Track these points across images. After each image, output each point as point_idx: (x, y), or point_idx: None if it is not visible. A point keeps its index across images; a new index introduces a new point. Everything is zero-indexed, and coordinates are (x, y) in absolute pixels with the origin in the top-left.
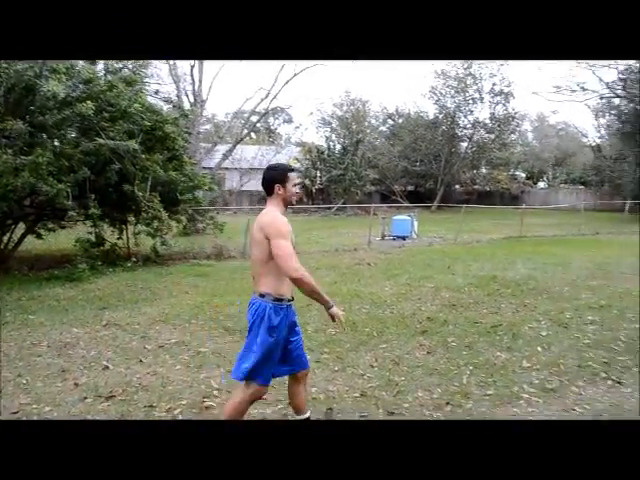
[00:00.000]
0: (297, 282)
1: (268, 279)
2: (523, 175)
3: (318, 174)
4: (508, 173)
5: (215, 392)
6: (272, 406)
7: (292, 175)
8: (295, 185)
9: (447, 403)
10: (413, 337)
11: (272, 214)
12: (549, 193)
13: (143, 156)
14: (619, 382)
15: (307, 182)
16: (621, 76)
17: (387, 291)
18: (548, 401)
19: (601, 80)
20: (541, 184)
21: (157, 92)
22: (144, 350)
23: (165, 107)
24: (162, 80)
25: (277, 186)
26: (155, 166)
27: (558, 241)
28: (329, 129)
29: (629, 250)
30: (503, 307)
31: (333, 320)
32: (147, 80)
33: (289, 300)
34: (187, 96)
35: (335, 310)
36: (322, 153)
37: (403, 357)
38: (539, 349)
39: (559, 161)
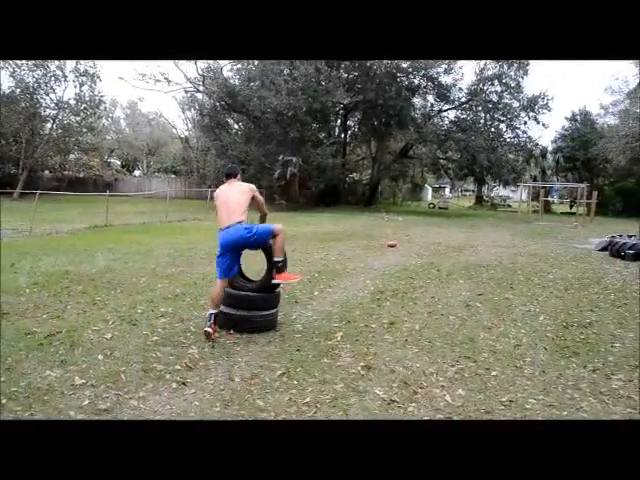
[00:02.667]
0: None
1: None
2: (118, 162)
3: None
4: (102, 160)
5: None
6: None
7: None
8: None
9: None
10: None
11: None
12: (143, 181)
13: None
14: (184, 383)
15: None
16: (201, 73)
17: None
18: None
19: (185, 75)
20: (137, 172)
21: None
22: None
23: None
24: None
25: None
26: None
27: (145, 229)
28: None
29: (211, 234)
30: (69, 309)
31: None
32: None
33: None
34: None
35: None
36: None
37: None
38: (100, 357)
39: (152, 150)
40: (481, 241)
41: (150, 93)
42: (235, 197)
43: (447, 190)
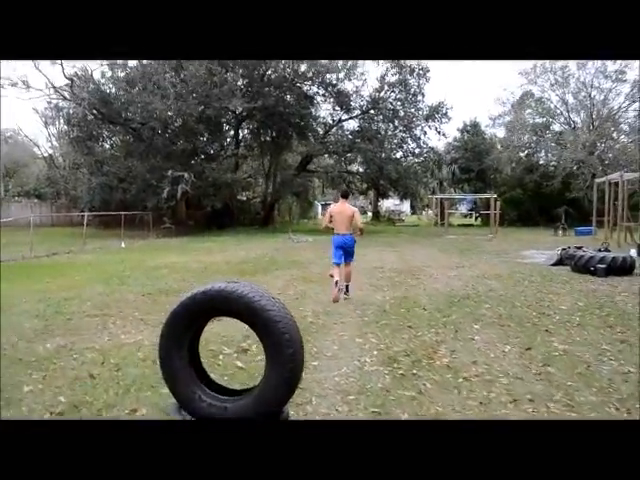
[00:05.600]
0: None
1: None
2: None
3: None
4: None
5: None
6: None
7: None
8: None
9: None
10: None
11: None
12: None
13: None
14: None
15: None
16: (69, 77)
17: None
18: None
19: (49, 82)
20: None
21: None
22: None
23: None
24: None
25: None
26: None
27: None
28: None
29: (96, 273)
30: None
31: None
32: None
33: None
34: None
35: None
36: None
37: None
38: None
39: (10, 172)
40: (420, 262)
41: (7, 106)
42: (347, 214)
43: (332, 206)
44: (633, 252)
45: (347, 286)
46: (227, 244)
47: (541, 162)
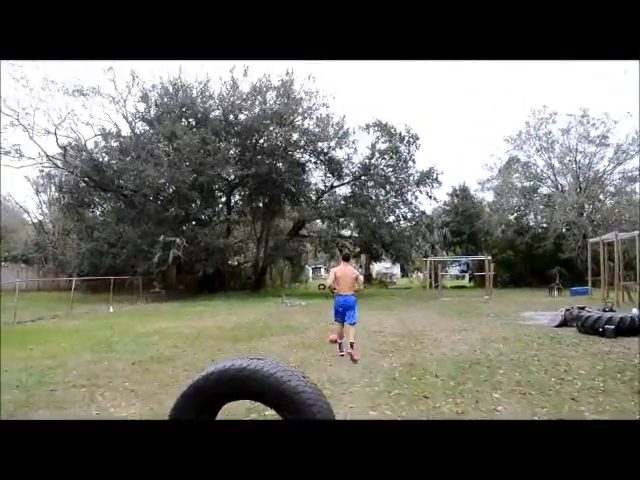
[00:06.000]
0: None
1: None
2: None
3: None
4: None
5: None
6: None
7: None
8: None
9: None
10: None
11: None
12: None
13: None
14: None
15: None
16: (61, 147)
17: None
18: None
19: (42, 150)
20: None
21: None
22: None
23: None
24: None
25: None
26: None
27: None
28: None
29: (82, 340)
30: None
31: None
32: None
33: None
34: None
35: None
36: None
37: None
38: None
39: None
40: (421, 325)
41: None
42: (350, 276)
43: (322, 270)
44: (635, 311)
45: (352, 344)
46: (219, 308)
47: (531, 224)
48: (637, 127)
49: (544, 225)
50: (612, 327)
